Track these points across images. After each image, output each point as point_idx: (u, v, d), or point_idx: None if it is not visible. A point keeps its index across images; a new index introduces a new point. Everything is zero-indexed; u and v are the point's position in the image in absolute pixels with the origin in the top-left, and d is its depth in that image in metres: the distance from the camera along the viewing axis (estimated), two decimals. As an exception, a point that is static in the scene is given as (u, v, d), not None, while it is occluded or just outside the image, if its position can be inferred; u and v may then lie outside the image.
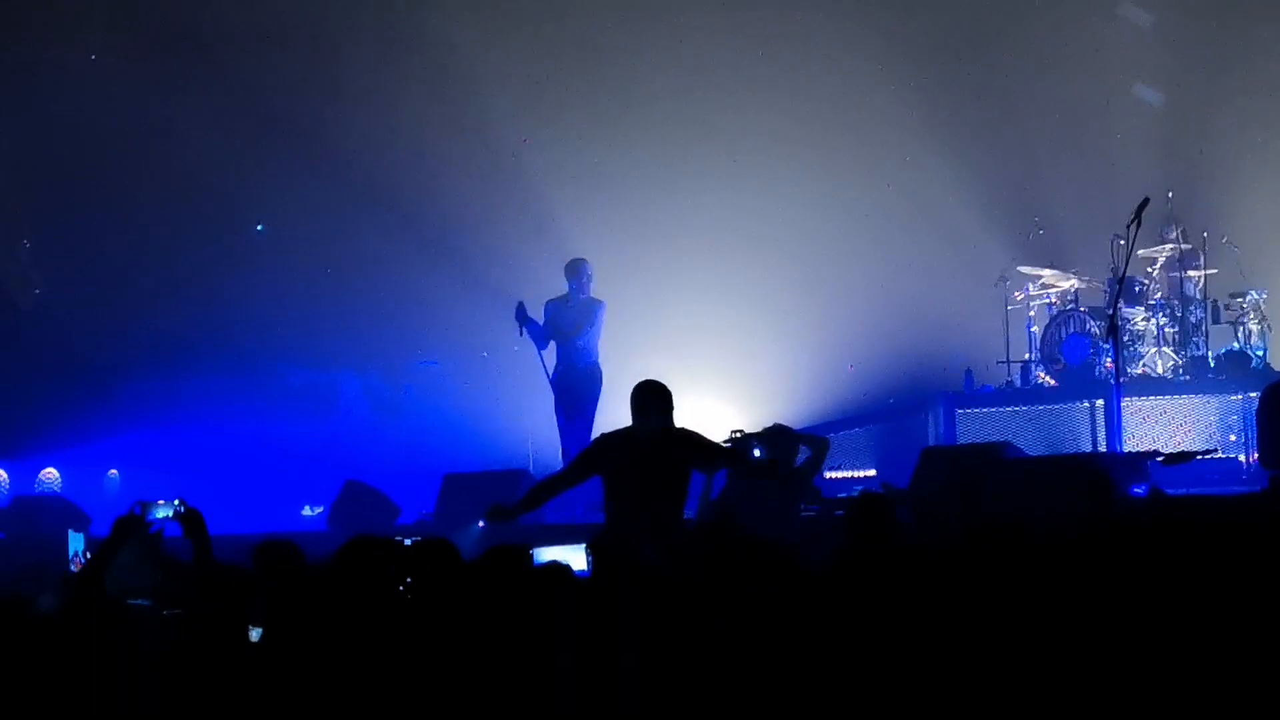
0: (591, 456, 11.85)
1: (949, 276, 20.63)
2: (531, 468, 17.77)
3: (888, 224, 21.08)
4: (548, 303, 17.32)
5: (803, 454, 12.94)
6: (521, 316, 16.97)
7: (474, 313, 20.81)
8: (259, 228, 21.64)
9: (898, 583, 7.23)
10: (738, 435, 13.18)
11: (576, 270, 17.40)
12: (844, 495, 14.52)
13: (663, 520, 11.22)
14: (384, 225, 21.23)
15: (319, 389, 21.75)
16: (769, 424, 13.26)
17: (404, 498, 16.49)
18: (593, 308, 17.25)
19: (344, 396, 21.87)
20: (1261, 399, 13.53)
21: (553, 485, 12.08)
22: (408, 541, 7.96)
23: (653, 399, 11.58)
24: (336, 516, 16.09)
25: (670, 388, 11.61)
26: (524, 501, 12.01)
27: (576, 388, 17.18)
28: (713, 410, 18.60)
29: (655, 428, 11.51)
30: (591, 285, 17.33)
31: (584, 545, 9.99)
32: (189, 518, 8.70)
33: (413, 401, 21.54)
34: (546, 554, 8.42)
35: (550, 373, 17.09)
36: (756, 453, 12.71)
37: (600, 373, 17.22)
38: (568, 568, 7.31)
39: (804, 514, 13.09)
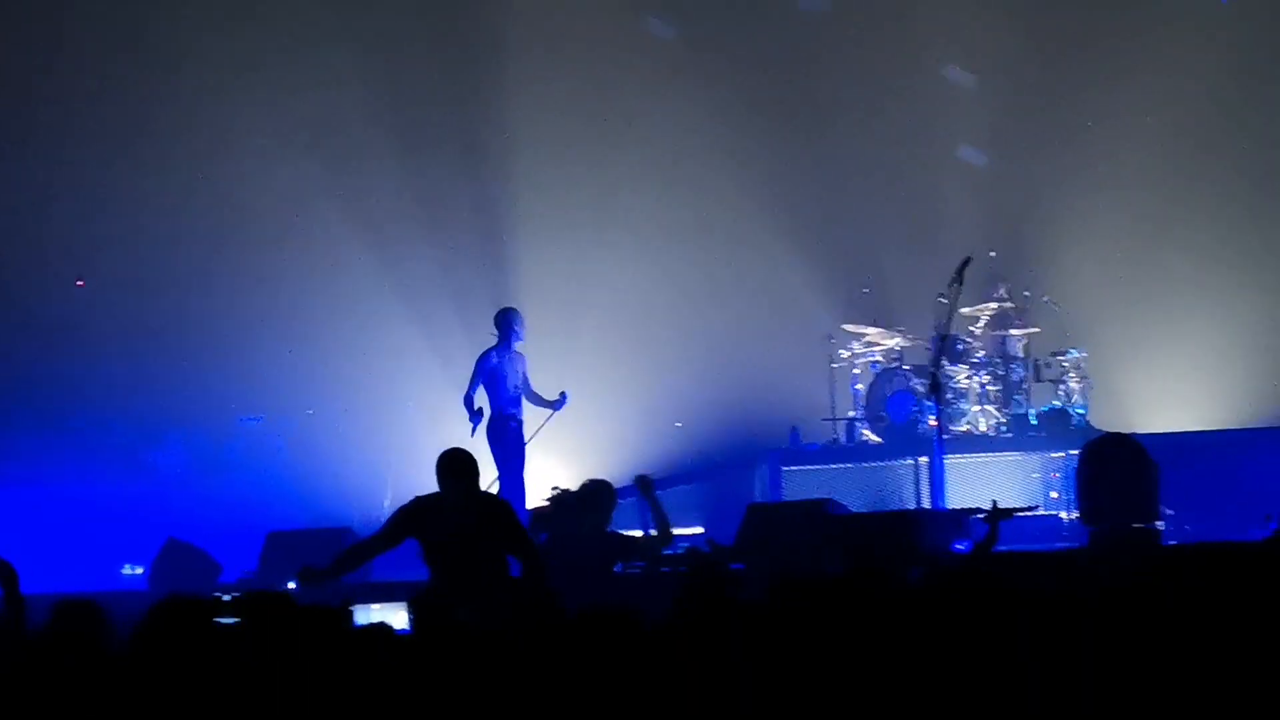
0: (403, 520, 11.82)
1: (776, 334, 20.71)
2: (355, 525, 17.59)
3: (715, 281, 21.14)
4: (491, 354, 17.34)
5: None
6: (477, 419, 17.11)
7: (299, 369, 20.61)
8: (79, 283, 21.29)
9: (728, 640, 7.21)
10: (556, 492, 13.17)
11: (519, 320, 17.43)
12: (669, 553, 14.50)
13: (482, 579, 11.18)
14: (206, 281, 21.00)
15: (140, 446, 21.42)
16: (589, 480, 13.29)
17: (226, 556, 16.26)
18: (522, 358, 17.50)
19: (166, 454, 21.55)
20: (1081, 456, 13.73)
21: (366, 549, 12.03)
22: (226, 598, 7.83)
23: (458, 467, 11.65)
24: (156, 575, 15.89)
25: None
26: (337, 564, 11.92)
27: (519, 436, 17.35)
28: (540, 466, 18.49)
29: (462, 495, 11.55)
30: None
31: (405, 603, 9.91)
32: (1, 573, 8.52)
33: (237, 458, 21.28)
34: (368, 613, 8.33)
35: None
36: None
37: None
38: (389, 627, 7.23)
39: (630, 571, 13.08)
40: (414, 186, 21.04)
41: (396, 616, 9.28)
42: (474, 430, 17.16)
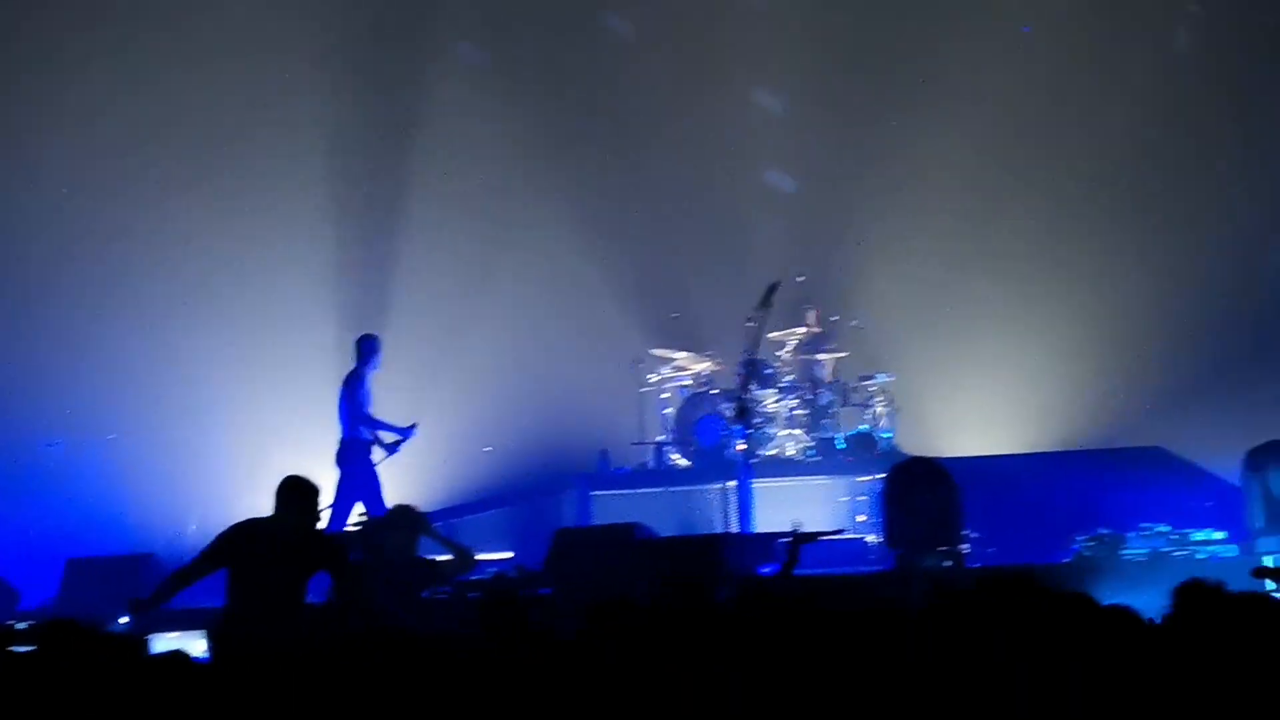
0: (229, 543, 11.62)
1: (585, 358, 20.68)
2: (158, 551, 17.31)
3: (524, 306, 21.08)
4: (366, 376, 17.31)
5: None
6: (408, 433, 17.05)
7: (100, 394, 20.25)
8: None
9: (530, 664, 7.17)
10: (363, 520, 13.08)
11: (371, 344, 17.22)
12: (477, 577, 14.42)
13: (286, 606, 11.03)
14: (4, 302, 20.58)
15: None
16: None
17: (25, 583, 15.95)
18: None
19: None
20: (886, 481, 13.85)
21: (188, 574, 11.81)
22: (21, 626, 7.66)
23: (299, 496, 11.47)
24: (-48, 603, 15.58)
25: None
26: (160, 591, 11.71)
27: (359, 460, 17.14)
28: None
29: (296, 524, 11.38)
30: None
31: (204, 631, 9.75)
32: None
33: (36, 484, 20.83)
34: (164, 641, 8.18)
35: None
36: None
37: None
38: (186, 655, 7.09)
39: (437, 596, 12.99)
40: (220, 205, 20.74)
41: (194, 644, 9.10)
42: (399, 446, 17.00)
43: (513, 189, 21.06)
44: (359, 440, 17.12)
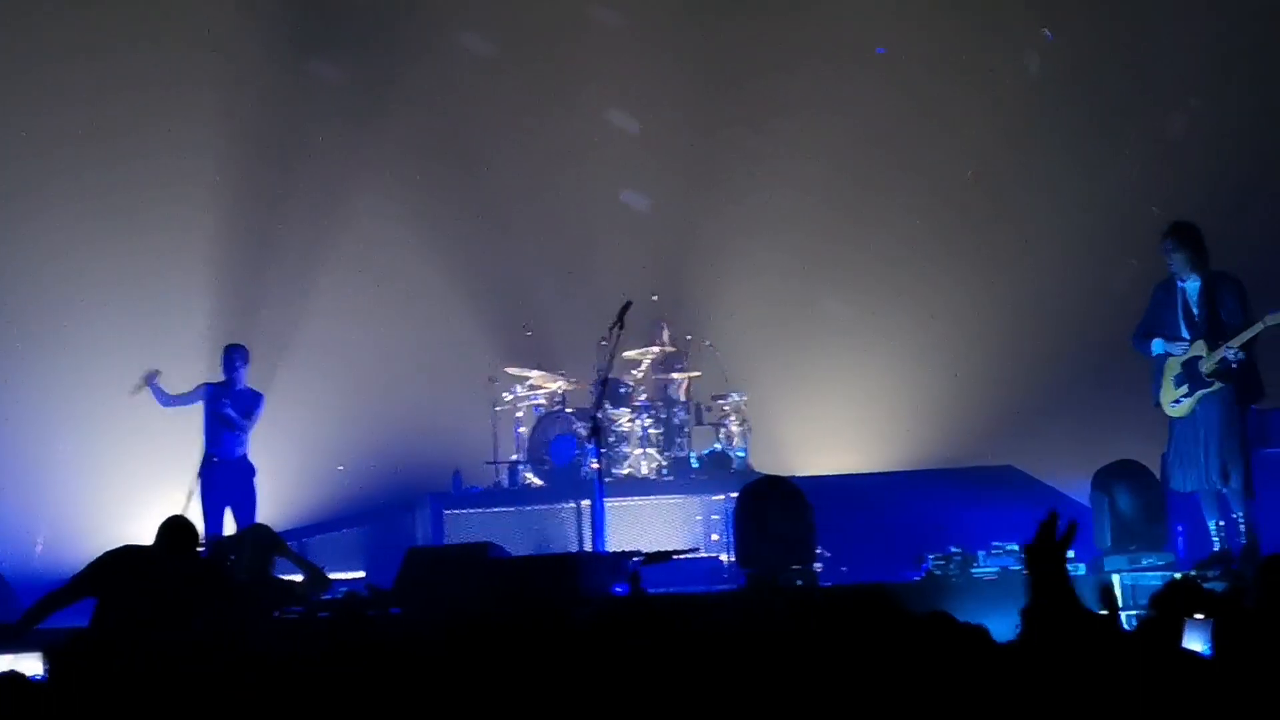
0: (101, 571, 11.53)
1: (438, 376, 20.59)
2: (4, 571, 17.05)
3: (376, 321, 20.95)
4: (206, 385, 16.86)
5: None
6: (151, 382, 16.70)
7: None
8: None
9: (379, 685, 7.11)
10: (219, 536, 12.94)
11: (240, 356, 16.89)
12: (329, 598, 14.31)
13: (147, 632, 10.94)
14: None
15: None
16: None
17: None
18: (257, 398, 16.96)
19: None
20: (739, 500, 13.88)
21: (60, 598, 11.70)
22: None
23: (182, 536, 11.64)
24: None
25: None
26: (29, 616, 11.61)
27: (235, 480, 16.71)
28: (197, 511, 18.07)
29: (179, 559, 11.35)
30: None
31: (40, 652, 9.60)
32: None
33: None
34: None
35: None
36: None
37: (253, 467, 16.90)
38: (22, 676, 6.97)
39: (287, 616, 12.87)
40: (71, 216, 20.46)
41: (30, 664, 8.95)
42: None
43: (365, 205, 20.94)
44: (245, 455, 16.94)
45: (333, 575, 17.85)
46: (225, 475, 16.88)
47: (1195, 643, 6.97)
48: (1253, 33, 20.10)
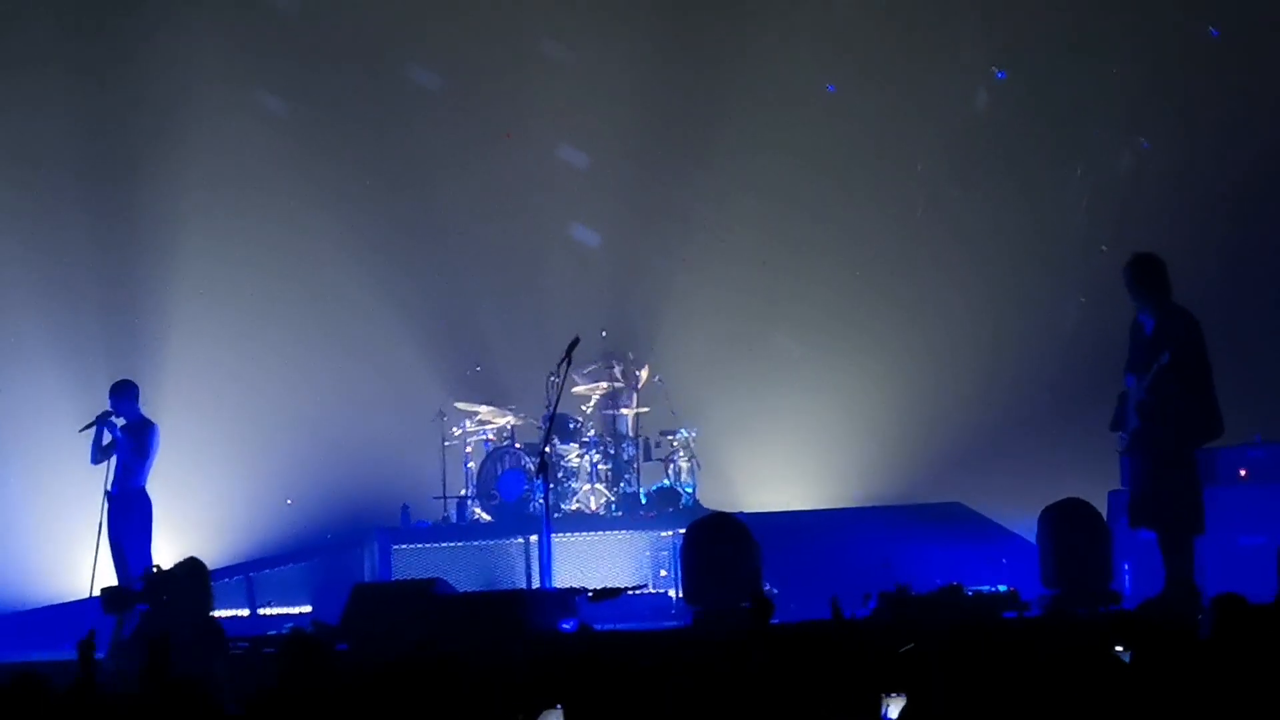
0: None
1: (387, 410, 20.55)
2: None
3: (325, 356, 20.90)
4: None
5: None
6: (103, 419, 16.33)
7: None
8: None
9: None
10: (154, 570, 12.86)
11: (127, 391, 16.66)
12: (274, 633, 14.28)
13: None
14: None
15: None
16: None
17: None
18: (149, 429, 16.59)
19: None
20: (686, 536, 13.87)
21: None
22: None
23: None
24: None
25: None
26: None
27: (132, 512, 16.45)
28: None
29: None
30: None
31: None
32: None
33: None
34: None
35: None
36: None
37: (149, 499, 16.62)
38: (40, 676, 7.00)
39: (235, 650, 12.83)
40: (33, 254, 20.38)
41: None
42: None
43: (313, 237, 20.89)
44: (143, 489, 16.70)
45: (279, 610, 17.88)
46: (121, 509, 16.60)
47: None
48: (1199, 73, 20.23)
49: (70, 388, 19.51)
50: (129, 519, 16.52)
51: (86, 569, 16.33)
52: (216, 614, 17.70)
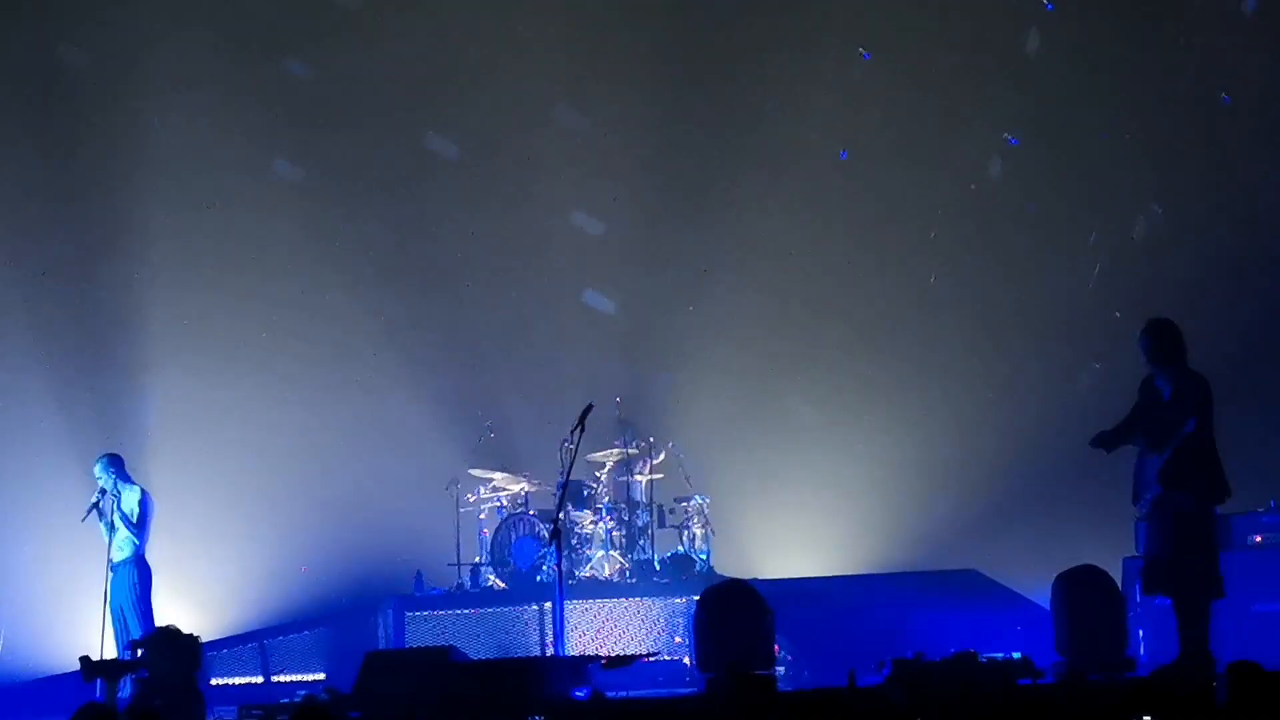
0: None
1: (402, 477, 20.54)
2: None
3: (341, 422, 20.91)
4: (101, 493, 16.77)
5: None
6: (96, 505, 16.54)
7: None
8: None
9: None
10: (140, 642, 12.95)
11: (114, 463, 16.75)
12: (286, 700, 14.22)
13: None
14: None
15: None
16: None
17: None
18: (142, 499, 16.70)
19: None
20: (699, 603, 13.82)
21: None
22: None
23: None
24: None
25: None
26: None
27: (131, 580, 16.56)
28: (162, 611, 17.95)
29: None
30: None
31: None
32: None
33: None
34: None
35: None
36: None
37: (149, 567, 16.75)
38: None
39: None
40: (29, 317, 20.42)
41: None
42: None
43: (328, 305, 20.94)
44: (143, 556, 16.77)
45: (292, 678, 17.86)
46: (121, 578, 16.67)
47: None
48: (1212, 139, 20.28)
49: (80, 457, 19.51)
50: (129, 587, 16.60)
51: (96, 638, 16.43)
52: (231, 681, 17.93)
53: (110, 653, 16.10)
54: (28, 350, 20.26)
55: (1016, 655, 13.65)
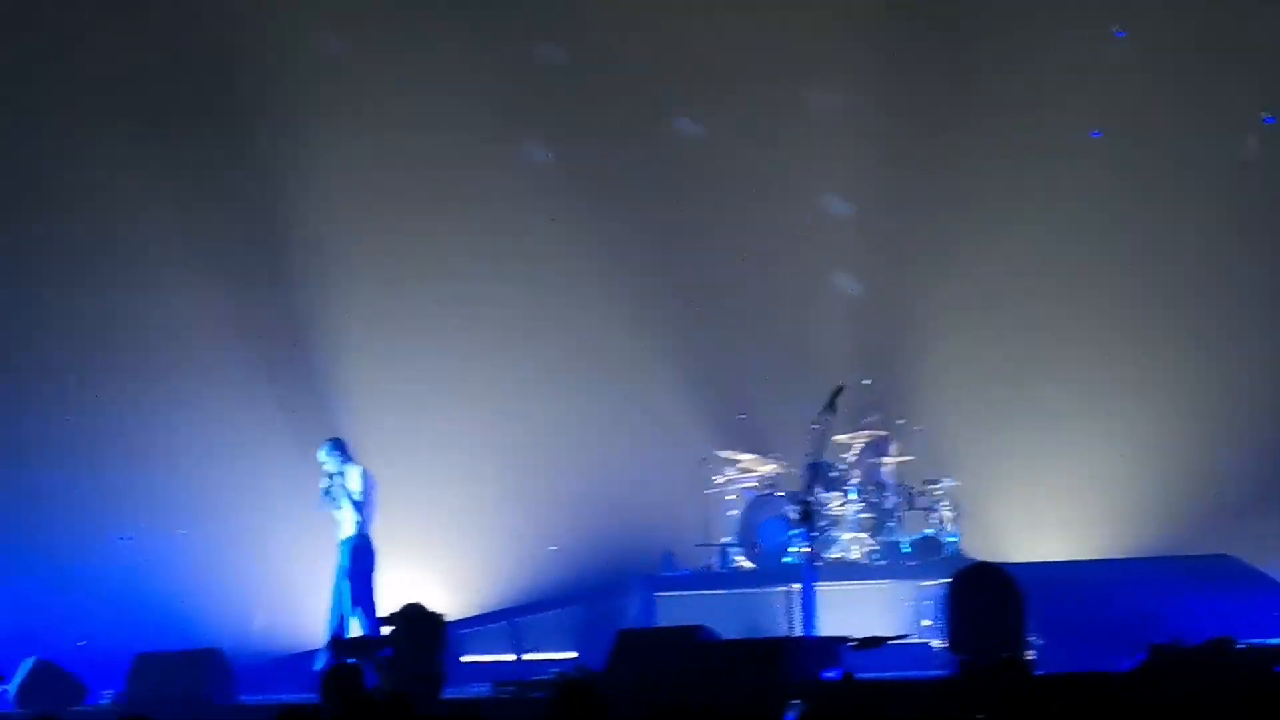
0: None
1: (651, 459, 20.68)
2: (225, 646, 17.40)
3: (592, 405, 21.12)
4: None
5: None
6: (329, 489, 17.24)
7: (169, 489, 20.36)
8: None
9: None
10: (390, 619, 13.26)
11: (338, 446, 17.31)
12: (538, 678, 14.44)
13: None
14: (80, 397, 20.71)
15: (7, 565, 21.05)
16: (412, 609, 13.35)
17: (93, 677, 16.13)
18: (365, 478, 17.41)
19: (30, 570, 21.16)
20: (951, 585, 13.78)
21: None
22: None
23: None
24: (24, 695, 15.93)
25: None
26: None
27: (356, 560, 17.28)
28: (417, 590, 18.30)
29: None
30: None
31: None
32: None
33: (106, 578, 20.92)
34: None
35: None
36: None
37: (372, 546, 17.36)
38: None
39: (501, 695, 13.05)
40: (243, 317, 20.91)
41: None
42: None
43: (582, 291, 21.14)
44: (366, 537, 17.20)
45: (544, 656, 18.10)
46: (348, 557, 17.13)
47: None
48: None
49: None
50: (354, 566, 17.02)
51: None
52: (483, 658, 18.22)
53: (354, 631, 16.52)
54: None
55: (1275, 641, 13.45)
